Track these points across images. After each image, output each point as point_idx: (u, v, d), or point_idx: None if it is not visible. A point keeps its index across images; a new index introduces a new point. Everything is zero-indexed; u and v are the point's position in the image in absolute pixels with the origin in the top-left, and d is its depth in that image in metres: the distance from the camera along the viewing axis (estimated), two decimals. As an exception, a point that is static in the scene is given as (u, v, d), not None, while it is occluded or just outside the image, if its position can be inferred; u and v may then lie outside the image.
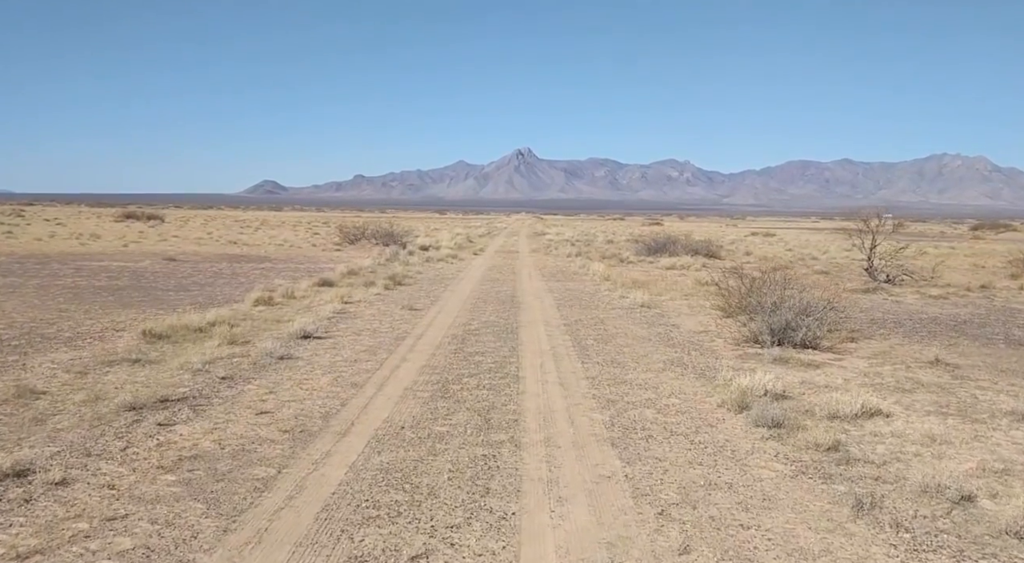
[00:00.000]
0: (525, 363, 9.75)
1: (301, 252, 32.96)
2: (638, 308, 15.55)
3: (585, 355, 10.38)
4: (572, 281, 21.67)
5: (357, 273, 21.83)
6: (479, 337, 11.69)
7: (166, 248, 32.57)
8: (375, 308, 14.90)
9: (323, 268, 23.90)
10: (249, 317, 13.17)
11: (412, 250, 33.42)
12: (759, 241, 53.10)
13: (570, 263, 28.78)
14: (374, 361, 9.67)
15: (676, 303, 16.61)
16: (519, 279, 22.00)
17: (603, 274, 22.43)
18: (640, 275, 23.94)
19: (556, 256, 33.51)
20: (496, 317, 13.94)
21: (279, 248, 35.44)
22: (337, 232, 39.78)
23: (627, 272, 24.92)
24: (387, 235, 36.56)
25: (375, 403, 7.57)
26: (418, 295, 17.24)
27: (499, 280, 21.52)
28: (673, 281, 21.80)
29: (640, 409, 7.54)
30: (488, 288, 19.18)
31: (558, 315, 14.47)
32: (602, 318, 14.11)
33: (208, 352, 9.66)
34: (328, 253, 32.74)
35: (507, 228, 79.99)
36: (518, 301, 16.52)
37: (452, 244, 38.43)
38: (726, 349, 10.99)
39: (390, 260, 27.54)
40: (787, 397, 7.93)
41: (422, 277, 21.95)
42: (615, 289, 19.04)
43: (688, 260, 28.42)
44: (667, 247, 32.45)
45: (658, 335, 12.25)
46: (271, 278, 20.42)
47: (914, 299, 17.99)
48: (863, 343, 11.61)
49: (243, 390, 7.96)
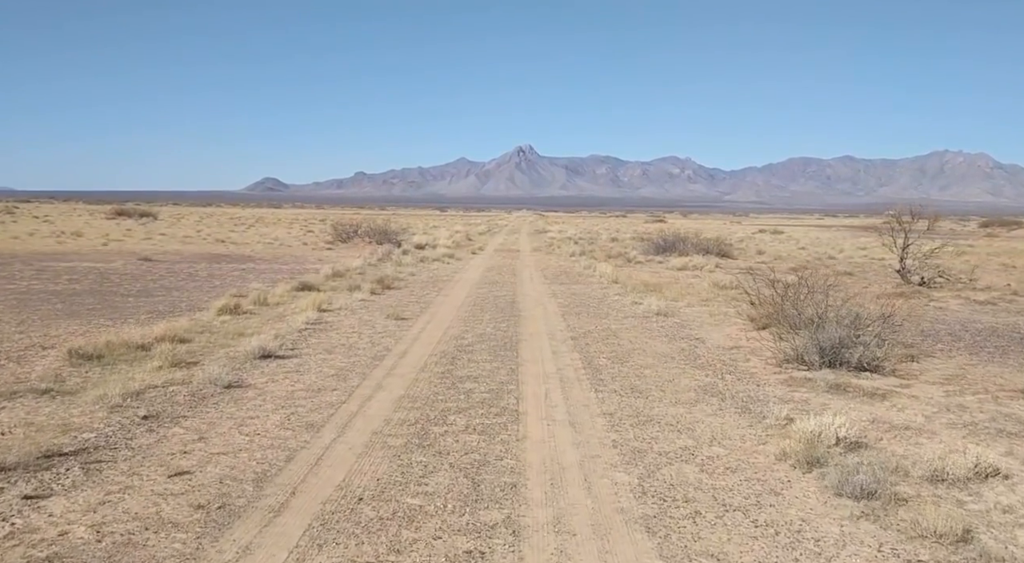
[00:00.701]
0: (526, 391, 7.99)
1: (290, 251, 31.21)
2: (654, 316, 13.78)
3: (599, 380, 8.61)
4: (577, 284, 19.90)
5: (343, 275, 20.07)
6: (473, 355, 9.93)
7: (148, 247, 30.83)
8: (356, 317, 13.13)
9: (309, 269, 22.16)
10: (208, 329, 11.41)
11: (407, 249, 31.66)
12: (768, 239, 51.30)
13: (574, 263, 27.01)
14: (342, 390, 7.90)
15: (695, 310, 14.84)
16: (520, 281, 20.23)
17: (611, 276, 20.66)
18: (650, 277, 22.17)
19: (559, 255, 31.74)
20: (493, 328, 12.18)
21: (267, 247, 33.69)
22: (330, 230, 37.99)
23: (636, 273, 23.15)
24: (381, 233, 34.81)
25: (331, 456, 5.81)
26: (407, 301, 15.48)
27: (498, 282, 19.75)
28: (688, 284, 20.03)
29: (677, 464, 5.77)
30: (486, 292, 17.42)
31: (564, 325, 12.70)
32: (614, 329, 12.34)
33: (140, 379, 7.91)
34: (318, 252, 30.99)
35: (508, 225, 78.24)
36: (518, 308, 14.75)
37: (450, 242, 36.68)
38: (766, 372, 9.21)
39: (382, 260, 25.78)
40: (864, 445, 6.16)
41: (414, 279, 20.18)
42: (626, 293, 17.27)
43: (700, 260, 26.63)
44: (676, 246, 30.67)
45: (682, 352, 10.48)
46: (249, 281, 18.68)
47: (958, 305, 16.20)
48: (925, 362, 9.83)
49: (165, 436, 6.20)
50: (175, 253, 28.08)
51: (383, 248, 31.09)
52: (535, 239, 47.38)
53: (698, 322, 13.32)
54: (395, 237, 35.02)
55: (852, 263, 29.63)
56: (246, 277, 19.95)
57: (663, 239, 31.25)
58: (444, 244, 35.58)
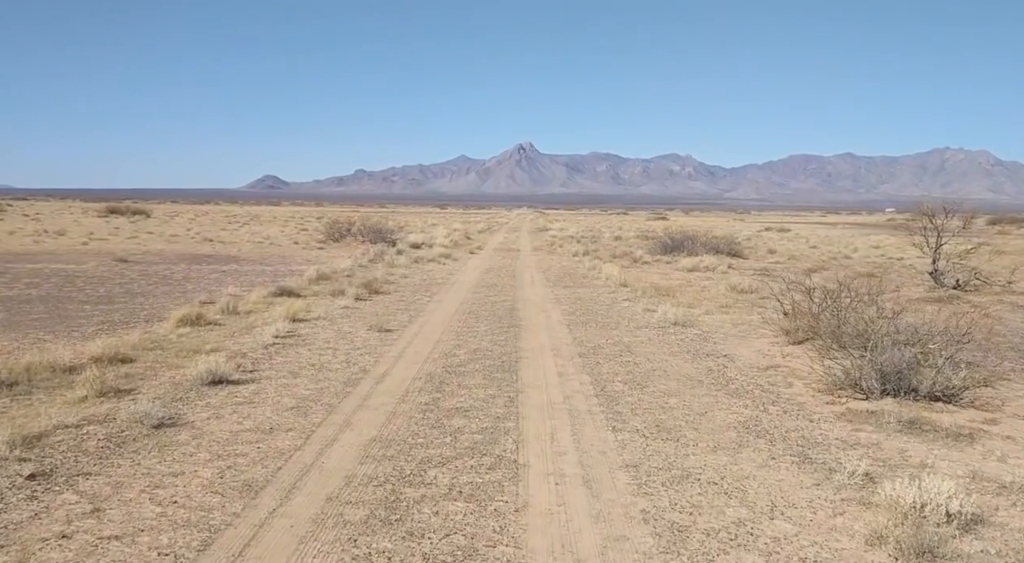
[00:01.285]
0: (527, 431, 6.47)
1: (278, 251, 29.67)
2: (671, 327, 12.24)
3: (615, 413, 7.08)
4: (582, 287, 18.36)
5: (329, 278, 18.53)
6: (464, 378, 8.40)
7: (130, 247, 29.31)
8: (335, 329, 11.60)
9: (294, 271, 20.64)
10: (160, 345, 9.89)
11: (401, 249, 30.13)
12: (776, 237, 49.73)
13: (578, 264, 25.47)
14: (299, 430, 6.38)
15: (715, 319, 13.31)
16: (520, 285, 18.69)
17: (618, 278, 19.11)
18: (660, 279, 20.64)
19: (561, 255, 30.20)
20: (490, 343, 10.64)
21: (256, 247, 32.16)
22: (323, 229, 36.38)
23: (644, 275, 21.61)
24: (375, 232, 33.27)
25: (262, 543, 4.28)
26: (395, 308, 13.95)
27: (497, 286, 18.22)
28: (702, 287, 18.49)
29: (734, 552, 4.24)
30: (483, 297, 15.89)
31: (570, 338, 11.17)
32: (628, 343, 10.81)
33: (50, 416, 6.39)
34: (308, 252, 29.46)
35: (508, 223, 76.73)
36: (519, 317, 13.22)
37: (447, 242, 35.16)
38: (816, 401, 7.67)
39: (373, 261, 24.25)
40: (981, 519, 4.63)
41: (406, 282, 18.64)
42: (636, 298, 15.74)
43: (711, 260, 25.07)
44: (685, 245, 29.13)
45: (710, 373, 8.94)
46: (226, 285, 17.16)
47: (1006, 311, 14.66)
48: (1003, 388, 8.27)
49: (47, 507, 4.67)
50: (156, 253, 26.55)
51: (376, 248, 29.58)
52: (536, 238, 45.86)
53: (721, 334, 11.78)
54: (390, 236, 33.49)
55: (870, 263, 28.08)
56: (224, 280, 18.42)
57: (670, 238, 29.70)
58: (441, 243, 34.06)
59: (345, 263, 22.59)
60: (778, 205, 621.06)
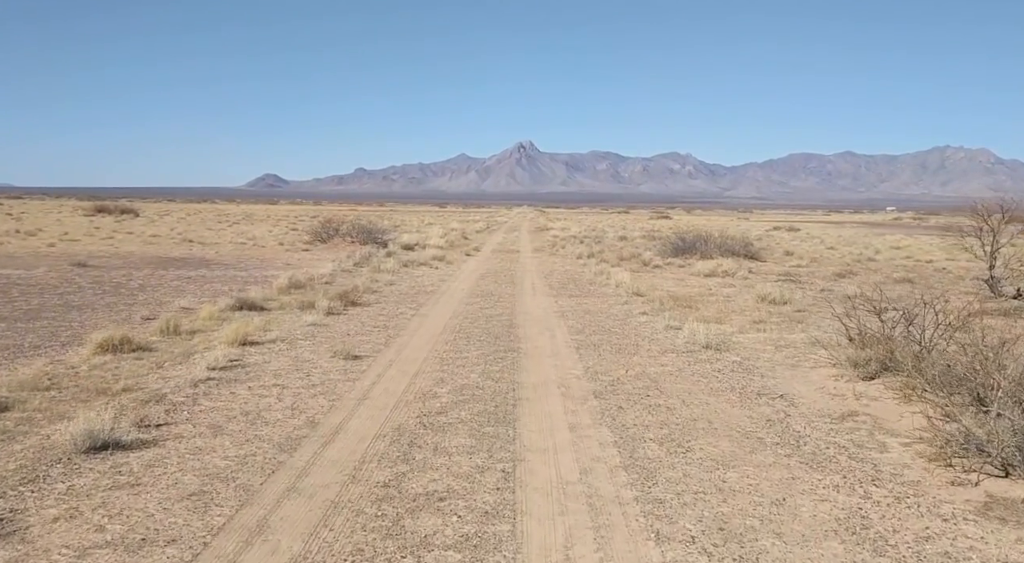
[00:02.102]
0: (530, 539, 4.32)
1: (259, 253, 27.52)
2: (701, 351, 10.10)
3: (656, 504, 4.92)
4: (590, 296, 16.21)
5: (304, 286, 16.38)
6: (444, 436, 6.25)
7: (101, 249, 27.19)
8: (291, 356, 9.44)
9: (269, 277, 18.50)
10: (60, 382, 7.73)
11: (392, 251, 28.00)
12: (788, 237, 47.54)
13: (583, 268, 23.32)
14: (185, 542, 4.22)
15: (752, 338, 11.16)
16: (520, 293, 16.54)
17: (630, 285, 16.96)
18: (677, 286, 18.49)
19: (564, 257, 28.05)
20: (481, 375, 8.49)
21: (237, 248, 30.02)
22: (308, 229, 34.11)
23: (658, 282, 19.47)
24: (365, 233, 31.10)
25: None
26: (372, 325, 11.80)
27: (493, 295, 16.07)
28: (726, 297, 16.35)
29: None
30: (477, 310, 13.74)
31: (581, 368, 9.03)
32: (654, 376, 8.66)
33: None
34: (292, 254, 27.32)
35: (507, 222, 74.53)
36: (517, 336, 11.07)
37: (442, 242, 32.99)
38: (934, 479, 5.50)
39: (359, 264, 22.10)
40: None
41: (391, 291, 16.49)
42: (654, 311, 13.58)
43: (729, 264, 22.90)
44: (697, 247, 26.98)
45: (769, 425, 6.78)
46: (184, 295, 15.04)
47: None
48: None
49: None
50: (123, 256, 24.40)
51: (365, 249, 27.46)
52: (536, 238, 43.71)
53: (766, 360, 9.63)
54: (381, 237, 31.34)
55: (900, 266, 25.94)
56: (185, 289, 16.28)
57: (682, 239, 27.53)
58: (435, 244, 31.90)
59: (326, 267, 20.46)
60: (779, 204, 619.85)
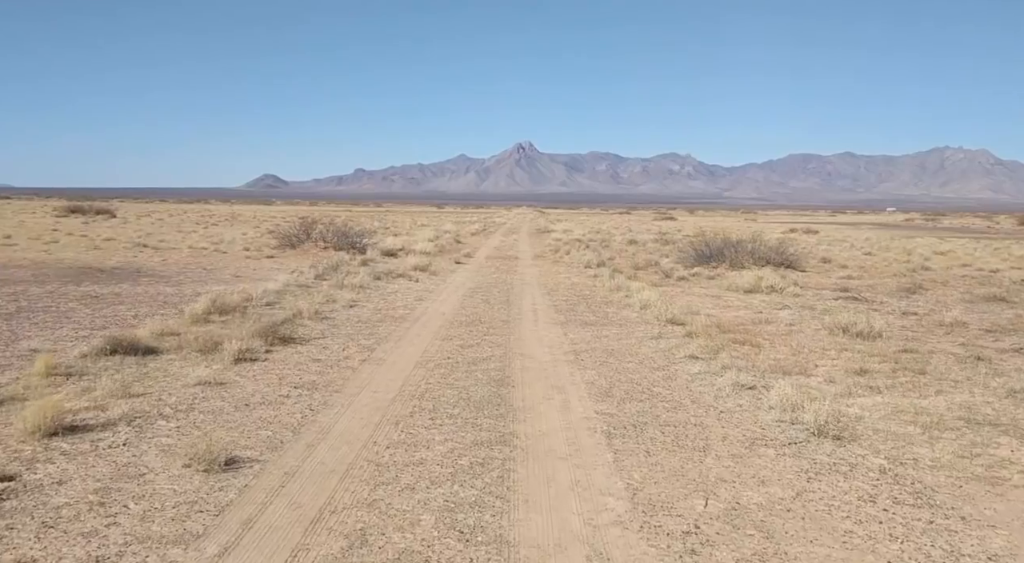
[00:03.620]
0: None
1: (214, 261, 23.54)
2: (814, 443, 6.16)
3: None
4: (610, 324, 12.25)
5: (232, 311, 12.41)
6: None
7: (29, 255, 23.23)
8: (113, 462, 5.47)
9: (202, 294, 14.53)
10: None
11: (370, 257, 24.06)
12: (812, 241, 43.56)
13: (594, 280, 19.36)
14: None
15: (872, 407, 7.21)
16: (517, 320, 12.58)
17: (662, 310, 12.99)
18: (715, 306, 14.54)
19: (570, 265, 24.11)
20: (443, 507, 4.53)
21: (195, 254, 26.07)
22: (276, 233, 30.00)
23: (691, 300, 15.52)
24: (341, 236, 27.13)
25: None
26: (289, 387, 7.82)
27: (481, 323, 12.12)
28: (788, 325, 12.39)
29: None
30: (455, 351, 9.78)
31: (622, 486, 5.08)
32: (764, 524, 4.72)
33: None
34: (252, 262, 23.36)
35: (506, 224, 70.45)
36: (512, 408, 7.10)
37: (430, 247, 29.01)
38: None
39: (321, 276, 18.15)
40: None
41: (348, 317, 12.52)
42: (705, 352, 9.63)
43: (770, 275, 18.92)
44: (724, 253, 23.06)
45: None
46: (63, 325, 11.10)
47: None
48: None
49: None
50: (45, 264, 20.41)
51: (339, 256, 23.54)
52: (537, 241, 39.75)
53: (930, 466, 5.68)
54: (359, 241, 27.38)
55: (967, 277, 21.99)
56: (71, 315, 12.27)
57: (707, 245, 23.56)
58: (421, 250, 27.94)
59: (279, 280, 16.52)
60: (779, 204, 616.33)
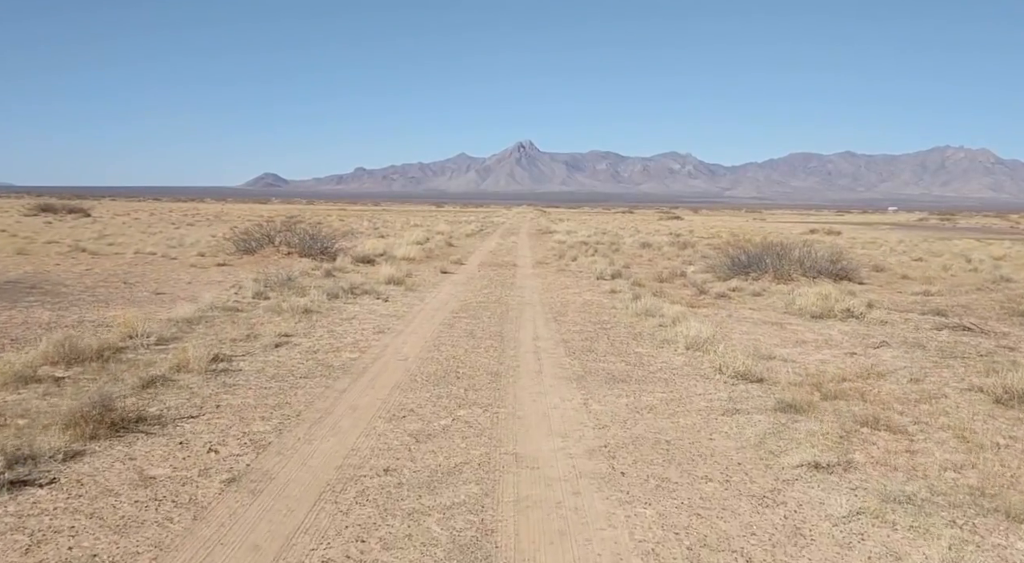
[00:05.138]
0: None
1: (151, 270, 19.50)
2: None
3: None
4: (650, 378, 8.20)
5: (89, 358, 8.37)
6: None
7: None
8: None
9: (84, 321, 10.54)
10: None
11: (340, 265, 20.05)
12: (843, 243, 39.50)
13: (613, 299, 15.34)
14: None
15: None
16: (512, 369, 8.53)
17: (722, 352, 8.98)
18: (783, 341, 10.52)
19: (578, 276, 20.09)
20: None
21: (137, 259, 22.07)
22: (233, 236, 25.71)
23: (748, 329, 11.50)
24: (310, 239, 23.10)
25: None
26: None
27: (459, 378, 8.08)
28: (913, 380, 8.37)
29: None
30: (402, 454, 5.76)
31: None
32: None
33: None
34: (197, 271, 19.34)
35: (505, 224, 66.23)
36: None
37: (415, 252, 24.96)
38: None
39: (263, 294, 14.14)
40: None
41: (267, 364, 8.48)
42: (826, 448, 5.62)
43: (831, 291, 14.87)
44: (765, 261, 19.06)
45: None
46: None
47: None
48: None
49: None
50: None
51: (302, 264, 19.56)
52: (538, 244, 35.68)
53: None
54: (331, 245, 23.37)
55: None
56: None
57: (745, 253, 19.51)
58: (404, 255, 23.92)
59: (202, 301, 12.52)
60: (780, 203, 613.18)
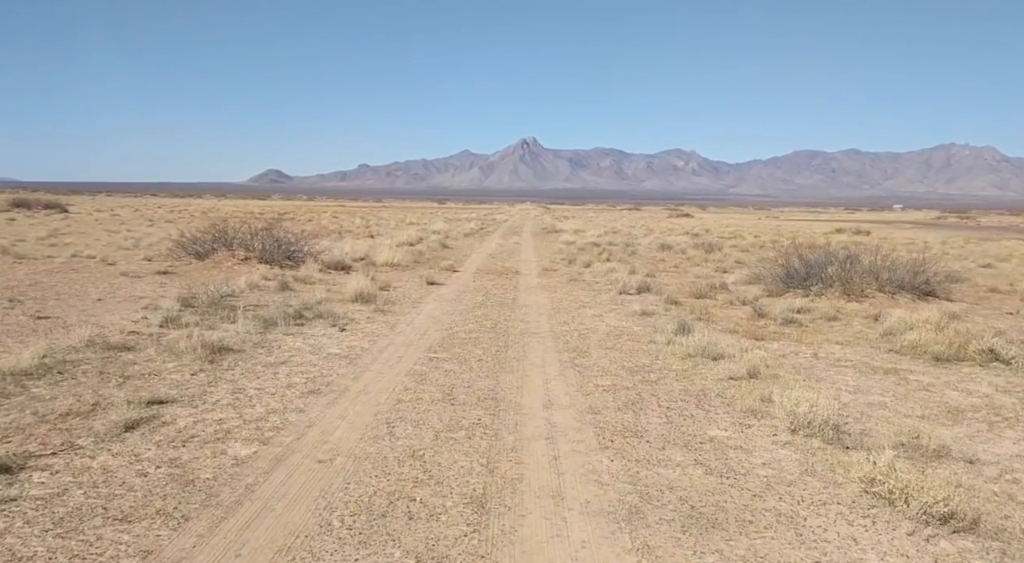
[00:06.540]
0: None
1: (72, 279, 15.82)
2: None
3: None
4: (754, 488, 4.53)
5: None
6: None
7: None
8: None
9: None
10: None
11: (304, 274, 16.38)
12: (878, 244, 35.70)
13: (647, 325, 11.60)
14: None
15: None
16: (512, 486, 4.83)
17: (892, 473, 5.30)
18: (910, 410, 6.81)
19: (594, 287, 16.37)
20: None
21: (68, 263, 18.46)
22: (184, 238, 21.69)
23: (858, 384, 7.79)
24: (274, 242, 19.38)
25: None
26: None
27: (411, 516, 4.38)
28: None
29: None
30: None
31: None
32: None
33: None
34: (128, 281, 15.65)
35: (507, 222, 62.25)
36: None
37: (400, 256, 21.21)
38: None
39: (176, 320, 10.43)
40: None
41: (81, 482, 4.82)
42: None
43: (930, 314, 11.19)
44: (826, 271, 15.33)
45: None
46: None
47: None
48: None
49: None
50: None
51: (258, 272, 15.87)
52: (544, 245, 31.89)
53: None
54: (298, 248, 19.66)
55: None
56: None
57: (804, 260, 15.76)
58: (386, 260, 20.20)
59: (81, 333, 8.85)
60: (785, 201, 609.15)
